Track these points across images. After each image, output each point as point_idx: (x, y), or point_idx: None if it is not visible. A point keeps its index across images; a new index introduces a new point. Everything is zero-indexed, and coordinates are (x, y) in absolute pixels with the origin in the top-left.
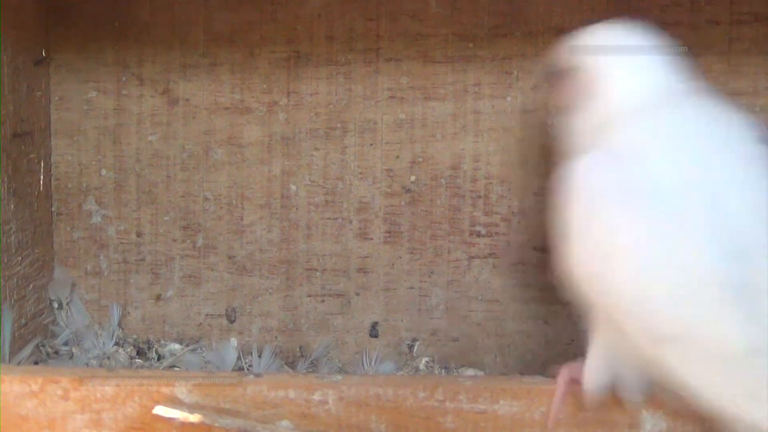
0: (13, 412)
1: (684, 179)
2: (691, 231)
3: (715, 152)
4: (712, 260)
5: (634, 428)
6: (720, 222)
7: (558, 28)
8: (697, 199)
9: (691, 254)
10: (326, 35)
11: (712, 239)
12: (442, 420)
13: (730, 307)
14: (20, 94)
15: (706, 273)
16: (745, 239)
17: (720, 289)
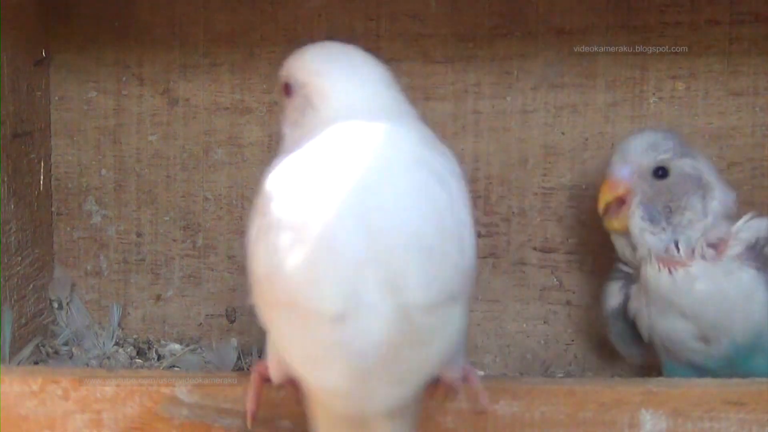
0: (13, 412)
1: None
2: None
3: (362, 162)
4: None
5: (634, 428)
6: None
7: (558, 28)
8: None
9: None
10: (326, 35)
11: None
12: (442, 420)
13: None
14: (20, 94)
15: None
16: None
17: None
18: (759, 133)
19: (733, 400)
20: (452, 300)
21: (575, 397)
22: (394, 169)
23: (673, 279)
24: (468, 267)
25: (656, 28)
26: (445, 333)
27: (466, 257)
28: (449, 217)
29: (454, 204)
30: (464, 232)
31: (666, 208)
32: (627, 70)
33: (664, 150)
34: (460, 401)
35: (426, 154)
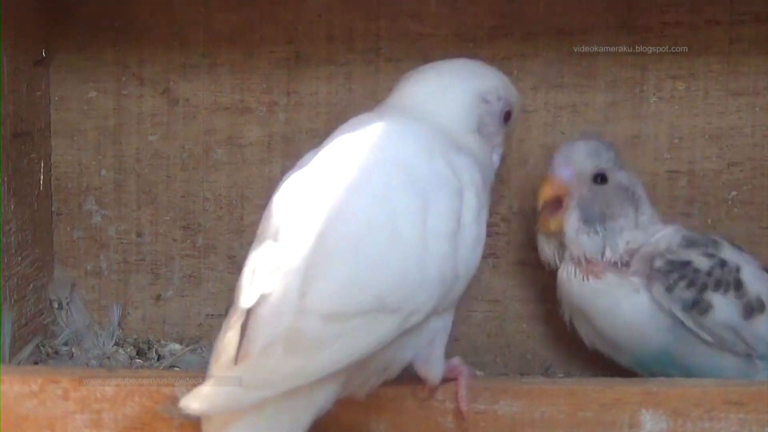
0: (13, 412)
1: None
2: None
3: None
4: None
5: (634, 428)
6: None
7: (558, 28)
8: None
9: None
10: (326, 35)
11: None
12: (442, 420)
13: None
14: (20, 94)
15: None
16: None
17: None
18: (759, 133)
19: (733, 400)
20: (382, 310)
21: (575, 397)
22: (364, 171)
23: (581, 288)
24: (432, 278)
25: (656, 28)
26: (356, 342)
27: (429, 267)
28: (408, 226)
29: (423, 213)
30: (432, 242)
31: (601, 213)
32: (627, 70)
33: (605, 159)
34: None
35: (417, 160)
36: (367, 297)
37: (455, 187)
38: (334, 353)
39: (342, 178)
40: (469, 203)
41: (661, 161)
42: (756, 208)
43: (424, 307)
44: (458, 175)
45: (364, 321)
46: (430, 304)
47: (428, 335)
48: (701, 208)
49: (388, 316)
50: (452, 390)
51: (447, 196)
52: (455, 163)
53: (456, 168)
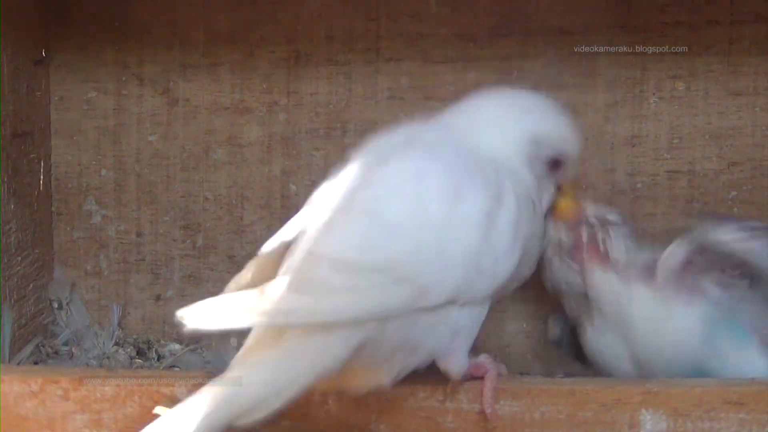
0: (13, 412)
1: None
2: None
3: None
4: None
5: (634, 428)
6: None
7: (558, 28)
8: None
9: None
10: (326, 35)
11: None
12: (442, 420)
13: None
14: (20, 94)
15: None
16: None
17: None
18: (759, 133)
19: (733, 400)
20: (390, 275)
21: (575, 397)
22: (405, 154)
23: (615, 284)
24: (453, 260)
25: (656, 28)
26: (362, 299)
27: (450, 248)
28: (435, 204)
29: (454, 197)
30: (459, 226)
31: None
32: (627, 70)
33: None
34: (461, 401)
35: (461, 157)
36: (375, 255)
37: (495, 188)
38: (339, 302)
39: (381, 161)
40: (507, 207)
41: (661, 161)
42: (756, 208)
43: (437, 284)
44: (500, 181)
45: (372, 280)
46: (446, 287)
47: (451, 327)
48: (701, 208)
49: (398, 284)
50: (476, 391)
51: (483, 191)
52: (501, 172)
53: (500, 174)
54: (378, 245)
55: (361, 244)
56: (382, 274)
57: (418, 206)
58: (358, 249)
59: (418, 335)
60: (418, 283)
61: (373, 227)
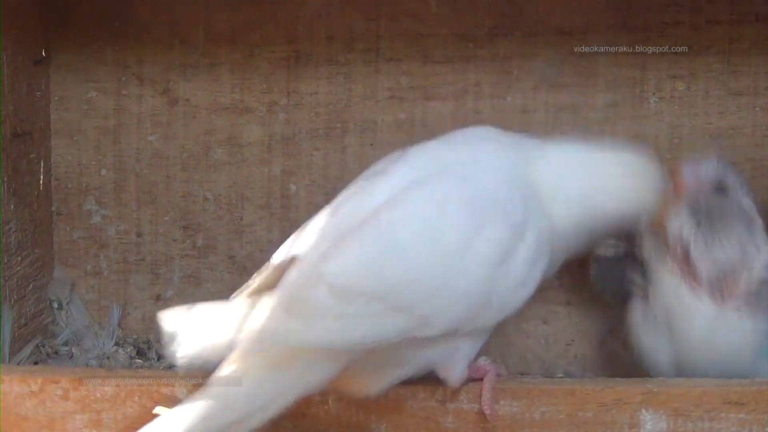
0: (13, 412)
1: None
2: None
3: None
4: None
5: (634, 428)
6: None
7: (558, 28)
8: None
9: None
10: (326, 35)
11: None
12: (442, 420)
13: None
14: (20, 94)
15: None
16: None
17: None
18: (759, 133)
19: (733, 400)
20: (390, 303)
21: (575, 397)
22: (436, 175)
23: (683, 294)
24: (455, 293)
25: (656, 28)
26: (357, 327)
27: (456, 282)
28: (451, 236)
29: (473, 230)
30: (471, 261)
31: (711, 221)
32: (627, 70)
33: (735, 177)
34: (461, 402)
35: (493, 183)
36: (376, 282)
37: (519, 222)
38: (332, 328)
39: (406, 178)
40: (527, 243)
41: (661, 161)
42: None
43: (438, 318)
44: (527, 215)
45: (369, 308)
46: (447, 319)
47: (450, 349)
48: None
49: (396, 313)
50: (475, 391)
51: (506, 226)
52: (529, 203)
53: (526, 204)
54: (381, 272)
55: (364, 270)
56: (380, 301)
57: (433, 235)
58: (359, 275)
59: (414, 356)
60: (418, 314)
61: (380, 253)
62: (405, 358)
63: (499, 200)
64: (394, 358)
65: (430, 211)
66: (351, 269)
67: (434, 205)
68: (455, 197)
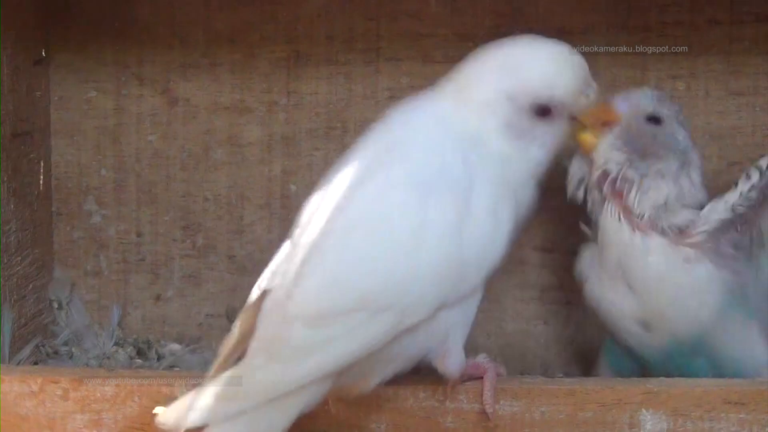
0: (13, 412)
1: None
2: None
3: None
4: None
5: (634, 428)
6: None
7: (558, 28)
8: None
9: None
10: (326, 35)
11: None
12: (442, 420)
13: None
14: (20, 94)
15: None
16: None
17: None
18: (759, 133)
19: (733, 400)
20: (369, 309)
21: (575, 397)
22: (369, 168)
23: (630, 239)
24: (426, 273)
25: (656, 28)
26: (344, 346)
27: (422, 262)
28: (402, 221)
29: (421, 207)
30: (429, 236)
31: (643, 148)
32: (627, 70)
33: (667, 108)
34: (461, 401)
35: (424, 153)
36: (349, 295)
37: (461, 182)
38: (319, 360)
39: (352, 175)
40: (480, 197)
41: None
42: None
43: (419, 303)
44: (469, 169)
45: (351, 322)
46: (428, 300)
47: (441, 329)
48: None
49: (378, 315)
50: (475, 391)
51: (450, 191)
52: (468, 157)
53: (468, 162)
54: (349, 283)
55: (333, 288)
56: (358, 312)
57: (386, 227)
58: (330, 296)
59: (407, 347)
60: (398, 308)
61: (342, 264)
62: (397, 353)
63: (435, 168)
64: (386, 356)
65: (373, 206)
66: (317, 295)
67: (375, 199)
68: (393, 185)
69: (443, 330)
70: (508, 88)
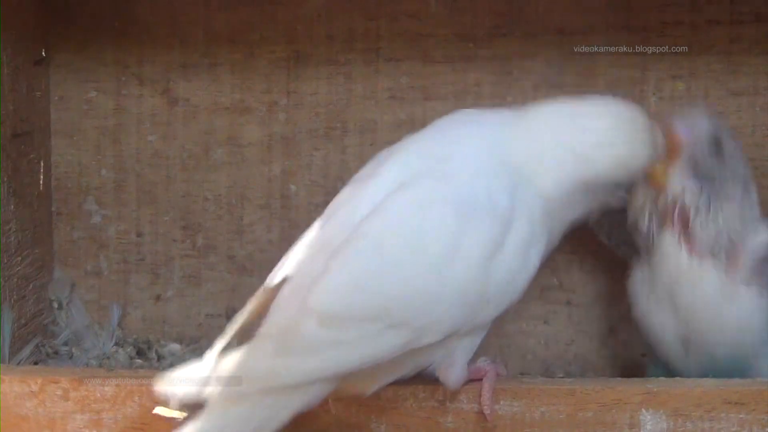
0: (13, 412)
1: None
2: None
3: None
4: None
5: (634, 428)
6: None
7: (558, 28)
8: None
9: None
10: (326, 35)
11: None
12: (442, 420)
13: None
14: (20, 94)
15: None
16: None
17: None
18: (759, 133)
19: (733, 400)
20: (385, 322)
21: (575, 397)
22: (415, 179)
23: (686, 262)
24: (450, 298)
25: (656, 28)
26: (354, 352)
27: (449, 286)
28: (437, 242)
29: (458, 232)
30: (460, 263)
31: (711, 180)
32: (627, 70)
33: (724, 129)
34: (461, 401)
35: (472, 178)
36: (368, 303)
37: (504, 212)
38: (325, 361)
39: (396, 176)
40: (517, 231)
41: None
42: None
43: (435, 326)
44: (514, 200)
45: (364, 330)
46: (446, 325)
47: (449, 347)
48: None
49: (392, 330)
50: (475, 391)
51: (490, 219)
52: (516, 189)
53: (515, 195)
54: (370, 292)
55: (352, 293)
56: (374, 322)
57: (418, 244)
58: (347, 300)
59: (411, 361)
60: (414, 327)
61: (366, 272)
62: (402, 363)
63: (481, 193)
64: (391, 365)
65: (412, 218)
66: (338, 295)
67: (415, 212)
68: (435, 200)
69: (451, 347)
70: (582, 176)
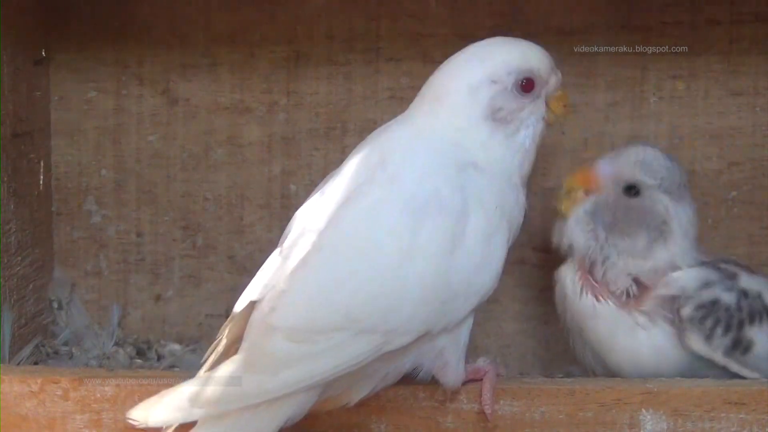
0: (13, 412)
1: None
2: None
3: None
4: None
5: (634, 428)
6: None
7: (558, 28)
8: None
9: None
10: (326, 35)
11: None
12: (442, 420)
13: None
14: (20, 94)
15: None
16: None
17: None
18: (759, 133)
19: (733, 400)
20: (352, 329)
21: (575, 397)
22: (361, 188)
23: (587, 303)
24: (414, 297)
25: (656, 28)
26: (324, 362)
27: (411, 286)
28: (391, 244)
29: (412, 231)
30: (419, 261)
31: (612, 223)
32: (627, 70)
33: (653, 175)
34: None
35: (419, 179)
36: (331, 314)
37: (457, 209)
38: (299, 373)
39: (344, 190)
40: (474, 225)
41: None
42: (756, 208)
43: (403, 328)
44: (465, 197)
45: (332, 340)
46: (415, 325)
47: (433, 349)
48: (701, 208)
49: (361, 336)
50: (475, 391)
51: (444, 216)
52: (465, 183)
53: (465, 189)
54: (331, 302)
55: (315, 305)
56: (340, 331)
57: (373, 249)
58: (311, 313)
59: (397, 364)
60: (382, 330)
61: (326, 282)
62: (382, 368)
63: (429, 190)
64: (371, 370)
65: (363, 224)
66: (300, 310)
67: (365, 217)
68: (384, 203)
69: (436, 349)
70: (490, 72)
